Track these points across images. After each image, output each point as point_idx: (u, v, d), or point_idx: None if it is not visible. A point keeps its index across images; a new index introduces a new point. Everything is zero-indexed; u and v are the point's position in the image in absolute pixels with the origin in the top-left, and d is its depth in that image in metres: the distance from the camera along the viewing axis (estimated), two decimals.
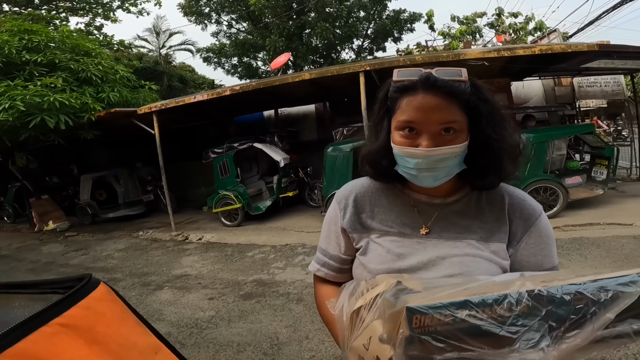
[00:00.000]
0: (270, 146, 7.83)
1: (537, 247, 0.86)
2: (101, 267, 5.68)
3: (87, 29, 14.64)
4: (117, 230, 8.28)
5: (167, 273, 5.12)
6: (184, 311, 3.80)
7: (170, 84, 15.66)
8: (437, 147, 0.77)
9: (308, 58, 15.53)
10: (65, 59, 8.45)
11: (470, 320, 0.56)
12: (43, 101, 7.14)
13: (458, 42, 13.50)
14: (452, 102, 0.77)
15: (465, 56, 6.21)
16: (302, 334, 3.09)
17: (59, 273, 5.56)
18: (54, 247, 7.46)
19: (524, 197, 0.90)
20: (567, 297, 0.58)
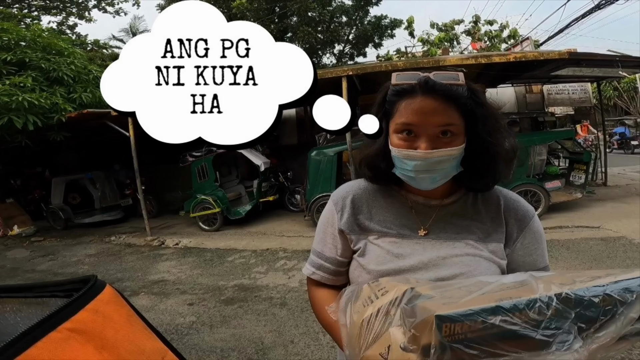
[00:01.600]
0: (250, 150, 7.76)
1: (532, 247, 0.90)
2: (71, 273, 5.47)
3: (59, 27, 14.16)
4: (87, 235, 8.00)
5: (143, 278, 4.98)
6: (163, 317, 3.70)
7: None
8: (435, 149, 0.79)
9: None
10: (36, 58, 8.09)
11: (505, 326, 0.55)
12: (11, 101, 6.84)
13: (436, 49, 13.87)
14: (450, 105, 0.79)
15: (444, 62, 6.38)
16: (287, 338, 3.06)
17: (25, 279, 5.30)
18: (19, 252, 7.14)
19: (518, 199, 0.94)
20: (596, 299, 0.58)
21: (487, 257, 0.85)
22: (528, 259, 0.90)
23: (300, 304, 3.71)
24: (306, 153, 9.30)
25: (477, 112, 0.82)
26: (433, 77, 0.80)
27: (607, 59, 6.99)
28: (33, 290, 1.13)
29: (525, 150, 6.06)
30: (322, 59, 16.93)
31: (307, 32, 13.88)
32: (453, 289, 0.65)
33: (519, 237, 0.89)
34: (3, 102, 6.83)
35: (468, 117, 0.82)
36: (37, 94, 7.29)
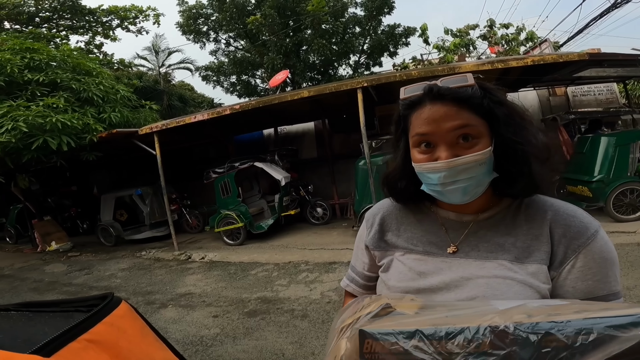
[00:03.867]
0: (270, 165, 7.96)
1: (588, 271, 0.75)
2: (105, 287, 5.74)
3: (87, 47, 14.89)
4: (119, 250, 8.37)
5: (171, 292, 5.19)
6: (189, 329, 3.87)
7: (170, 103, 15.90)
8: (458, 156, 0.74)
9: (306, 75, 15.80)
10: (66, 79, 8.47)
11: (414, 353, 0.54)
12: (45, 122, 7.14)
13: (452, 55, 13.78)
14: (462, 107, 0.75)
15: (460, 69, 6.39)
16: (308, 349, 3.15)
17: (63, 292, 5.61)
18: (57, 267, 7.53)
19: (574, 213, 0.79)
20: (533, 337, 0.51)
21: (522, 280, 0.75)
22: (581, 285, 0.75)
23: (321, 316, 3.81)
24: (325, 166, 9.45)
25: (496, 111, 0.77)
26: (440, 84, 0.77)
27: (629, 59, 6.82)
28: (60, 306, 1.28)
29: (625, 148, 5.87)
30: (338, 71, 17.11)
31: (321, 45, 14.11)
32: (438, 310, 0.63)
33: (570, 258, 0.76)
34: (38, 123, 7.10)
35: (489, 118, 0.77)
36: (69, 115, 7.57)
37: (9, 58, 8.02)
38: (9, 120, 7.04)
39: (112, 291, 1.24)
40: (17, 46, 8.62)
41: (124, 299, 1.16)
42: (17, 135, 7.01)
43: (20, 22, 14.01)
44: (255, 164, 7.78)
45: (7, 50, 8.53)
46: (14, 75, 7.92)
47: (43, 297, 5.44)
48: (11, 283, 6.55)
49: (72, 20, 14.92)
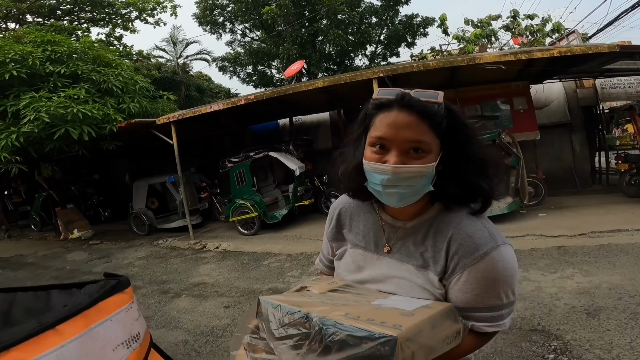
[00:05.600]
0: (285, 155, 7.83)
1: (468, 287, 0.85)
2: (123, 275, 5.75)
3: (107, 39, 14.96)
4: (138, 238, 8.41)
5: (185, 281, 5.16)
6: (201, 319, 3.81)
7: (187, 94, 15.91)
8: (404, 164, 0.81)
9: (321, 65, 15.54)
10: (87, 70, 8.56)
11: (268, 316, 0.80)
12: (67, 112, 7.24)
13: (473, 46, 13.27)
14: (424, 122, 0.81)
15: (480, 60, 6.10)
16: None
17: (83, 280, 5.64)
18: (79, 255, 7.61)
19: (472, 233, 0.86)
20: (317, 327, 0.71)
21: (421, 284, 0.88)
22: (461, 297, 0.86)
23: None
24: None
25: (453, 132, 0.85)
26: (412, 94, 0.82)
27: None
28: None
29: None
30: (354, 61, 16.78)
31: (337, 35, 13.82)
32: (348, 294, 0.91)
33: (457, 273, 0.86)
34: (60, 114, 7.20)
35: (444, 137, 0.84)
36: (90, 106, 7.67)
37: (31, 51, 8.10)
38: (32, 111, 7.15)
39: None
40: (39, 39, 8.71)
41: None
42: (40, 125, 7.14)
43: (42, 15, 14.10)
44: (270, 153, 7.66)
45: (29, 43, 8.65)
46: (35, 68, 8.00)
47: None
48: (34, 271, 6.62)
49: (93, 12, 14.96)
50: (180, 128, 7.81)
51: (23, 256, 7.95)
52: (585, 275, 3.80)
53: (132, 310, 0.85)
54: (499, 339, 2.82)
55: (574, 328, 2.86)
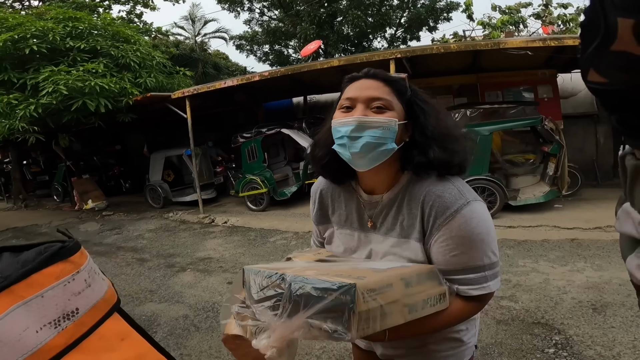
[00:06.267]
0: (297, 132, 7.68)
1: (446, 248, 0.85)
2: (132, 247, 5.77)
3: (128, 16, 14.88)
4: (150, 211, 8.45)
5: (192, 255, 5.13)
6: (203, 294, 3.76)
7: (204, 71, 15.79)
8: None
9: (339, 46, 15.15)
10: (106, 46, 8.64)
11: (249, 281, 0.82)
12: (85, 85, 7.33)
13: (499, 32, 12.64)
14: (387, 86, 0.89)
15: (506, 45, 5.74)
16: None
17: (93, 252, 5.66)
18: (91, 225, 7.67)
19: (441, 193, 0.87)
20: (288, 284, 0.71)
21: (407, 256, 0.90)
22: (441, 259, 0.86)
23: None
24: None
25: (416, 104, 0.91)
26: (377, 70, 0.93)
27: None
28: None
29: None
30: (372, 44, 16.32)
31: (356, 16, 13.39)
32: (332, 262, 0.93)
33: (434, 235, 0.86)
34: (78, 87, 7.33)
35: (409, 110, 0.91)
36: (107, 79, 7.74)
37: (52, 27, 8.16)
38: (51, 84, 7.26)
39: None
40: (61, 15, 8.78)
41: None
42: (58, 97, 7.24)
43: None
44: (282, 130, 7.53)
45: (51, 20, 8.70)
46: (56, 43, 8.08)
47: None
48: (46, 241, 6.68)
49: None
50: (195, 103, 7.76)
51: (38, 226, 8.08)
52: (597, 269, 3.60)
53: (74, 283, 0.71)
54: (499, 330, 2.69)
55: (578, 323, 2.70)
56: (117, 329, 0.78)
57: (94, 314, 0.76)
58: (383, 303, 0.68)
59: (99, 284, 0.78)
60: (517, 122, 5.71)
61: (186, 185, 9.34)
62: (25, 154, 12.79)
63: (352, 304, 0.64)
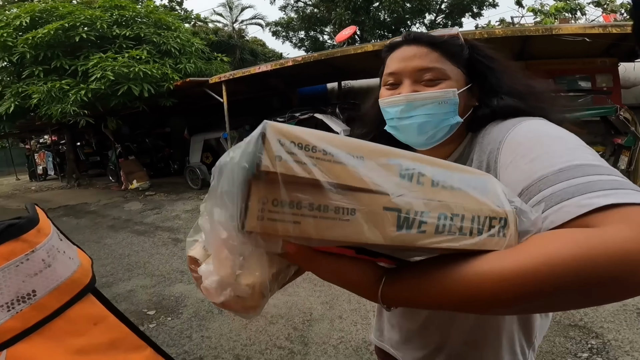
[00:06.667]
0: (331, 117, 7.56)
1: (518, 157, 0.55)
2: (168, 227, 5.91)
3: (170, 4, 15.20)
4: (188, 191, 8.66)
5: None
6: None
7: (242, 57, 15.95)
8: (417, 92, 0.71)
9: (375, 32, 14.70)
10: (149, 33, 8.93)
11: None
12: (130, 71, 7.61)
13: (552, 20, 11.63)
14: (435, 51, 0.72)
15: (559, 31, 5.24)
16: (336, 312, 2.88)
17: (134, 231, 5.84)
18: (134, 205, 7.95)
19: (502, 124, 0.66)
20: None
21: None
22: (506, 179, 0.55)
23: None
24: None
25: (479, 64, 0.74)
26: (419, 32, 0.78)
27: None
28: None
29: None
30: (410, 29, 15.68)
31: (393, 1, 12.88)
32: None
33: (496, 167, 0.61)
34: (123, 73, 7.62)
35: (468, 68, 0.74)
36: (150, 65, 8.00)
37: (100, 15, 8.49)
38: (99, 70, 7.58)
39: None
40: (107, 4, 9.11)
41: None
42: (106, 83, 7.57)
43: None
44: (315, 115, 7.45)
45: (98, 8, 9.04)
46: (103, 31, 8.41)
47: (117, 235, 5.73)
48: (94, 219, 6.97)
49: None
50: (231, 88, 7.83)
51: (87, 204, 8.48)
52: None
53: (27, 263, 0.63)
54: None
55: (619, 327, 2.44)
56: (89, 313, 0.70)
57: (59, 296, 0.68)
58: (326, 179, 0.35)
59: (64, 264, 0.70)
60: (588, 111, 5.19)
61: None
62: (78, 136, 13.56)
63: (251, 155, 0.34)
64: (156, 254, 4.69)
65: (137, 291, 3.57)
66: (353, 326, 2.66)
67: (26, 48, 8.09)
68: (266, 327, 2.73)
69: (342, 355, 2.35)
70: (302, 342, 2.52)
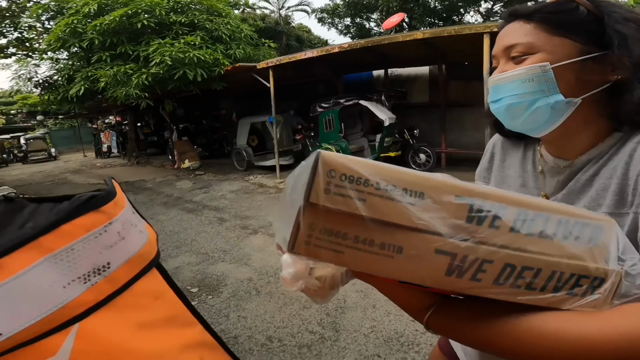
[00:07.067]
0: (376, 105, 7.39)
1: None
2: (214, 206, 6.14)
3: None
4: (234, 172, 8.91)
5: (264, 218, 5.29)
6: (268, 259, 3.84)
7: (288, 43, 15.95)
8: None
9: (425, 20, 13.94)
10: (202, 19, 9.18)
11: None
12: (185, 56, 7.89)
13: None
14: (529, 23, 0.62)
15: None
16: (370, 301, 2.86)
17: (184, 209, 6.13)
18: (185, 183, 8.33)
19: None
20: None
21: None
22: None
23: None
24: (436, 113, 8.47)
25: (609, 28, 0.58)
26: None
27: None
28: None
29: None
30: (464, 18, 14.71)
31: None
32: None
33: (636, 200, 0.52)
34: (179, 58, 7.94)
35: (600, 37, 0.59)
36: (203, 51, 8.25)
37: (158, 2, 8.80)
38: (158, 55, 7.92)
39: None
40: None
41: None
42: (164, 67, 7.92)
43: None
44: (360, 102, 7.32)
45: None
46: (162, 17, 8.75)
47: (170, 211, 6.02)
48: (149, 196, 7.36)
49: None
50: (278, 73, 7.85)
51: (144, 181, 9.00)
52: None
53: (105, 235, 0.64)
54: None
55: None
56: (152, 287, 0.71)
57: (129, 270, 0.69)
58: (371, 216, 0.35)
59: (135, 237, 0.71)
60: None
61: (268, 150, 9.65)
62: (139, 117, 14.41)
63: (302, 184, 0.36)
64: (202, 232, 4.90)
65: (183, 268, 3.75)
66: (386, 316, 2.64)
67: (95, 34, 8.59)
68: (300, 312, 2.77)
69: (372, 345, 2.34)
70: (333, 329, 2.54)
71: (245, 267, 3.67)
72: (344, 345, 2.35)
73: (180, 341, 0.58)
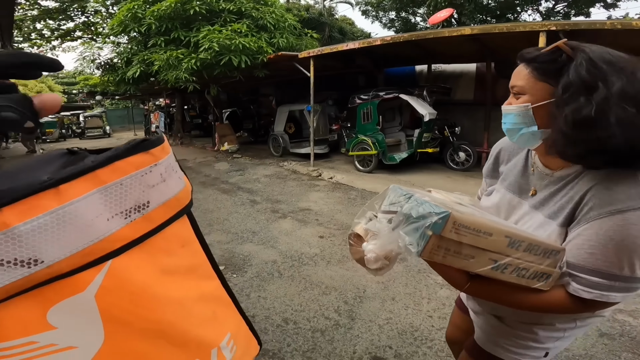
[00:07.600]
0: (417, 99, 7.13)
1: (586, 242, 0.73)
2: (248, 189, 6.24)
3: None
4: (269, 158, 9.00)
5: (294, 204, 5.31)
6: (294, 243, 3.85)
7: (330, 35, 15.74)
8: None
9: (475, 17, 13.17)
10: (249, 8, 9.26)
11: (386, 196, 0.89)
12: (231, 43, 8.02)
13: None
14: (528, 67, 0.81)
15: None
16: (390, 293, 2.78)
17: (219, 189, 6.27)
18: (223, 165, 8.52)
19: (614, 187, 0.72)
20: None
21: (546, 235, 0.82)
22: (575, 252, 0.76)
23: (420, 264, 3.31)
24: (481, 111, 8.05)
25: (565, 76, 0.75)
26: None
27: None
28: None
29: None
30: (520, 17, 13.72)
31: None
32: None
33: (582, 224, 0.75)
34: (226, 44, 8.09)
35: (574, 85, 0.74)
36: (249, 39, 8.35)
37: None
38: (207, 42, 8.10)
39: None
40: None
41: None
42: (212, 53, 8.09)
43: None
44: (400, 95, 7.10)
45: None
46: (212, 5, 8.91)
47: (207, 190, 6.18)
48: (189, 175, 7.46)
49: None
50: (319, 63, 7.80)
51: (186, 160, 9.31)
52: None
53: (150, 175, 0.64)
54: (598, 342, 2.13)
55: None
56: (181, 234, 0.71)
57: (165, 211, 0.69)
58: (468, 243, 0.69)
59: (175, 181, 0.71)
60: None
61: (304, 138, 9.64)
62: (186, 101, 14.93)
63: (437, 225, 0.67)
64: (235, 212, 5.00)
65: (213, 245, 3.81)
66: (404, 309, 2.55)
67: (152, 20, 8.94)
68: (319, 297, 2.74)
69: (386, 336, 2.27)
70: (349, 316, 2.49)
71: (271, 250, 3.70)
72: (357, 334, 2.30)
73: (197, 292, 0.58)
